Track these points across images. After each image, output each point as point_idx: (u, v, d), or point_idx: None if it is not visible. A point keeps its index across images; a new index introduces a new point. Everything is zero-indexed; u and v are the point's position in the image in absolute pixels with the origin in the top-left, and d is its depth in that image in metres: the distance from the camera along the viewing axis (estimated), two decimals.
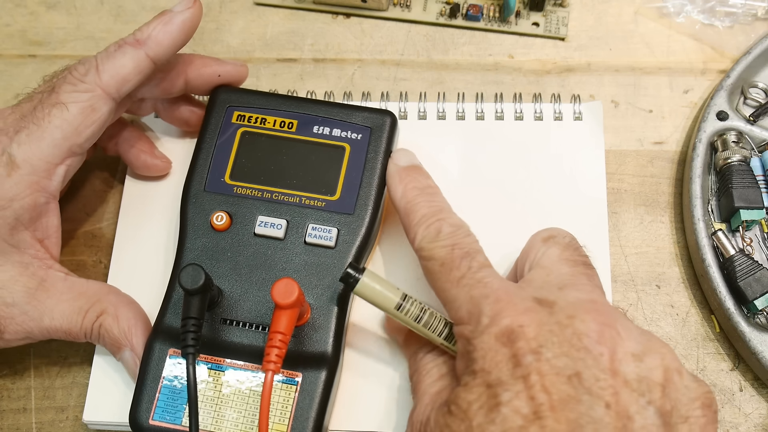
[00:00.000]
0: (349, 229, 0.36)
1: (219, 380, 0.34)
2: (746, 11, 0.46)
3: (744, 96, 0.43)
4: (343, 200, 0.36)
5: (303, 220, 0.36)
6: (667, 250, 0.41)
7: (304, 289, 0.34)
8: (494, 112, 0.43)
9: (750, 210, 0.39)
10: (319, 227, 0.36)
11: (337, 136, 0.38)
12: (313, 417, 0.33)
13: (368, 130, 0.38)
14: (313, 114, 0.38)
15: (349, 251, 0.36)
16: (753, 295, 0.37)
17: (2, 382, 0.39)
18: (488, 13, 0.47)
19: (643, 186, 0.43)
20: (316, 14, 0.48)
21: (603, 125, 0.43)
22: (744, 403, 0.38)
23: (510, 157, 0.42)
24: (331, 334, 0.34)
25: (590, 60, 0.46)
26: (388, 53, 0.47)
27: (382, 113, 0.38)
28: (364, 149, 0.37)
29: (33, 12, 0.48)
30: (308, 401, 0.33)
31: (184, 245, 0.36)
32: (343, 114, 0.38)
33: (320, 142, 0.38)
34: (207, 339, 0.34)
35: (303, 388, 0.33)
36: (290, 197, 0.37)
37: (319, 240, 0.36)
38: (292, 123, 0.38)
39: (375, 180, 0.37)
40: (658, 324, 0.40)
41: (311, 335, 0.34)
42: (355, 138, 0.38)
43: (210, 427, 0.33)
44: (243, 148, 0.38)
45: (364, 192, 0.37)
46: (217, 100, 0.39)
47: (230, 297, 0.35)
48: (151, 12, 0.48)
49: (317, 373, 0.34)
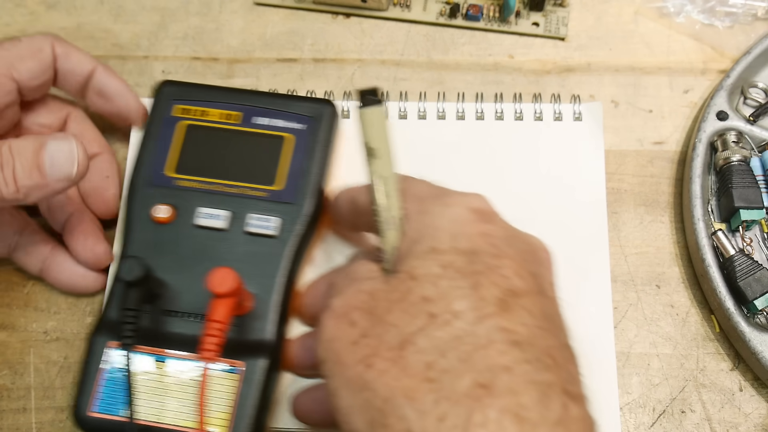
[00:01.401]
0: (291, 218, 0.36)
1: (161, 371, 0.34)
2: (746, 11, 0.46)
3: (744, 96, 0.43)
4: (284, 190, 0.37)
5: (245, 210, 0.36)
6: (667, 250, 0.41)
7: (247, 278, 0.34)
8: (494, 112, 0.43)
9: (750, 210, 0.39)
10: (261, 217, 0.36)
11: (278, 127, 0.38)
12: (256, 405, 0.33)
13: (309, 119, 0.38)
14: (255, 105, 0.39)
15: (291, 240, 0.36)
16: (753, 295, 0.37)
17: (2, 382, 0.39)
18: (488, 13, 0.47)
19: (643, 186, 0.43)
20: (316, 14, 0.48)
21: (603, 125, 0.43)
22: (744, 403, 0.38)
23: (509, 158, 0.42)
24: (273, 323, 0.35)
25: (590, 60, 0.46)
26: (388, 53, 0.47)
27: (322, 103, 0.39)
28: (305, 139, 0.38)
29: (33, 12, 0.48)
30: (251, 389, 0.33)
31: (128, 239, 0.37)
32: (285, 105, 0.38)
33: (262, 132, 0.38)
34: (150, 330, 0.35)
35: (246, 377, 0.33)
36: (232, 188, 0.37)
37: (261, 229, 0.36)
38: (234, 115, 0.38)
39: (316, 169, 0.37)
40: (658, 324, 0.40)
41: (254, 324, 0.35)
42: (296, 128, 0.38)
43: (152, 418, 0.33)
44: (186, 141, 0.38)
45: (306, 181, 0.37)
46: (161, 94, 0.39)
47: (173, 288, 0.35)
48: (151, 12, 0.48)
49: (260, 362, 0.34)
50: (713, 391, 0.38)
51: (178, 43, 0.47)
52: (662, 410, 0.38)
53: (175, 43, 0.47)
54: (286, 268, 0.36)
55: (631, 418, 0.38)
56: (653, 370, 0.39)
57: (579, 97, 0.43)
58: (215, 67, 0.46)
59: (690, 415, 0.38)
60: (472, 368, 0.24)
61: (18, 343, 0.40)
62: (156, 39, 0.47)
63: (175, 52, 0.47)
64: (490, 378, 0.23)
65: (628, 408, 0.38)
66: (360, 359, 0.25)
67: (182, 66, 0.46)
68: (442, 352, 0.24)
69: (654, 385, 0.38)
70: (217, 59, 0.47)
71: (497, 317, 0.25)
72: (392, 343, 0.25)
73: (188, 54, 0.47)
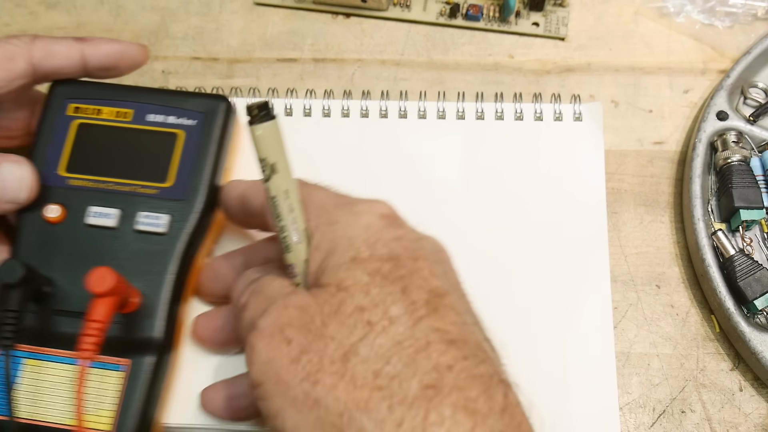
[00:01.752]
0: (182, 215, 0.36)
1: (43, 370, 0.34)
2: (746, 11, 0.46)
3: (744, 96, 0.43)
4: (176, 187, 0.36)
5: (135, 208, 0.36)
6: (667, 250, 0.41)
7: (135, 276, 0.34)
8: (494, 112, 0.43)
9: (750, 210, 0.39)
10: (151, 214, 0.36)
11: (170, 123, 0.38)
12: (141, 401, 0.33)
13: (202, 115, 0.38)
14: (147, 102, 0.38)
15: (182, 237, 0.36)
16: (753, 295, 0.37)
17: None
18: (488, 13, 0.47)
19: (643, 186, 0.43)
20: (316, 14, 0.48)
21: (603, 125, 0.43)
22: (744, 403, 0.38)
23: (509, 157, 0.42)
24: (162, 320, 0.35)
25: (590, 60, 0.46)
26: (388, 53, 0.47)
27: (216, 99, 0.38)
28: (197, 135, 0.37)
29: (33, 12, 0.48)
30: (137, 387, 0.33)
31: (19, 240, 0.36)
32: (177, 101, 0.38)
33: (154, 130, 0.38)
34: (37, 330, 0.35)
35: (132, 374, 0.33)
36: (124, 186, 0.37)
37: (151, 227, 0.36)
38: (127, 113, 0.38)
39: (208, 165, 0.37)
40: (658, 324, 0.40)
41: (141, 322, 0.34)
42: (188, 124, 0.37)
43: (33, 416, 0.33)
44: (78, 140, 0.38)
45: (197, 177, 0.37)
46: (54, 94, 0.39)
47: (63, 288, 0.35)
48: (151, 12, 0.48)
49: (146, 359, 0.34)
50: (713, 391, 0.38)
51: (178, 43, 0.47)
52: (662, 410, 0.38)
53: (175, 43, 0.47)
54: (176, 265, 0.35)
55: (631, 418, 0.38)
56: (653, 370, 0.39)
57: (579, 97, 0.43)
58: (215, 67, 0.46)
59: (690, 415, 0.38)
60: (417, 371, 0.25)
61: None
62: (156, 39, 0.47)
63: (175, 52, 0.47)
64: (437, 378, 0.24)
65: (628, 408, 0.38)
66: (304, 377, 0.25)
67: (182, 66, 0.46)
68: (386, 358, 0.25)
69: (654, 385, 0.38)
70: (217, 59, 0.47)
71: (429, 318, 0.26)
72: (335, 356, 0.25)
73: (188, 54, 0.47)
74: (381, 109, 0.43)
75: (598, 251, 0.40)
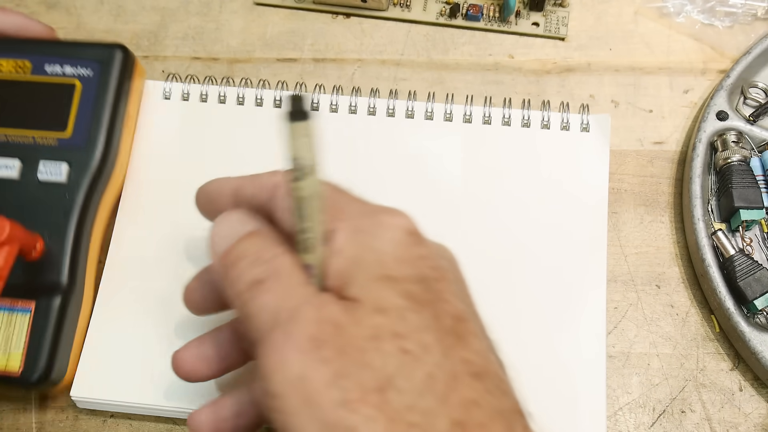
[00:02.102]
0: (80, 163, 0.37)
1: None
2: (746, 11, 0.46)
3: (744, 96, 0.43)
4: (74, 136, 0.38)
5: (36, 158, 0.37)
6: (667, 250, 0.41)
7: (38, 225, 0.36)
8: (501, 117, 0.43)
9: (750, 210, 0.39)
10: (50, 164, 0.37)
11: (68, 74, 0.39)
12: (48, 341, 0.35)
13: (98, 65, 0.39)
14: (45, 54, 0.39)
15: (82, 184, 0.37)
16: (753, 295, 0.37)
17: None
18: (488, 13, 0.47)
19: (643, 186, 0.43)
20: (316, 14, 0.48)
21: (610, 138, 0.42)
22: (744, 403, 0.38)
23: (512, 161, 0.42)
24: (65, 266, 0.36)
25: (590, 60, 0.46)
26: (388, 53, 0.47)
27: (112, 47, 0.39)
28: (95, 84, 0.39)
29: (33, 12, 0.48)
30: (42, 327, 0.35)
31: None
32: (73, 51, 0.39)
33: (52, 81, 0.39)
34: None
35: (36, 315, 0.35)
36: (23, 138, 0.38)
37: (51, 177, 0.37)
38: (25, 65, 0.39)
39: (106, 113, 0.38)
40: (658, 324, 0.40)
41: (45, 267, 0.36)
42: (85, 74, 0.39)
43: None
44: None
45: (95, 125, 0.38)
46: None
47: None
48: (151, 12, 0.48)
49: (51, 301, 0.36)
50: (713, 391, 0.38)
51: (178, 43, 0.47)
52: (662, 410, 0.38)
53: (175, 43, 0.47)
54: (77, 212, 0.37)
55: (631, 418, 0.38)
56: (653, 370, 0.39)
57: (588, 107, 0.43)
58: (215, 67, 0.46)
59: (690, 415, 0.38)
60: (447, 406, 0.24)
61: None
62: (156, 39, 0.47)
63: (175, 52, 0.47)
64: (465, 415, 0.24)
65: (628, 408, 0.38)
66: (340, 403, 0.24)
67: (182, 66, 0.46)
68: (419, 392, 0.24)
69: (654, 385, 0.38)
70: (217, 59, 0.47)
71: (457, 348, 0.25)
72: (371, 386, 0.24)
73: (188, 54, 0.47)
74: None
75: (595, 256, 0.39)
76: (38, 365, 0.35)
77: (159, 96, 0.44)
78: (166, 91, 0.44)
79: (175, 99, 0.44)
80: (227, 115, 0.44)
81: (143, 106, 0.43)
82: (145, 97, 0.44)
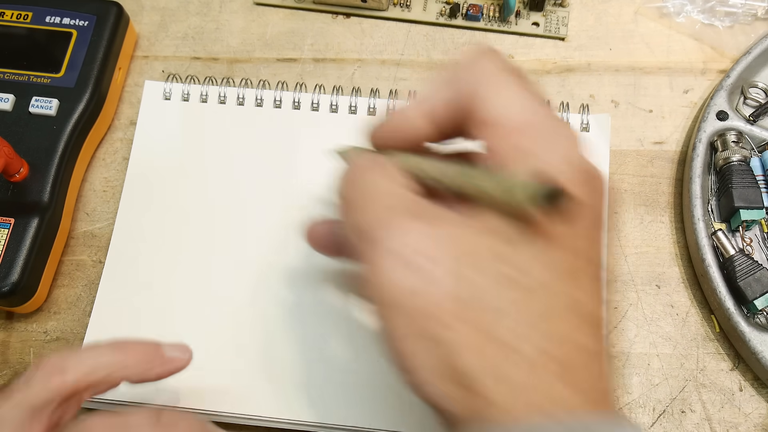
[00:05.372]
0: (70, 101, 0.42)
1: None
2: (746, 11, 0.46)
3: (744, 96, 0.43)
4: (66, 77, 0.42)
5: (29, 94, 0.42)
6: (667, 250, 0.41)
7: (27, 151, 0.40)
8: None
9: (750, 210, 0.39)
10: (42, 99, 0.42)
11: (66, 24, 0.44)
12: (23, 252, 0.38)
13: (94, 18, 0.44)
14: (44, 6, 0.44)
15: (70, 120, 0.41)
16: (753, 295, 0.37)
17: (2, 382, 0.39)
18: (488, 13, 0.47)
19: (643, 186, 0.43)
20: (316, 14, 0.48)
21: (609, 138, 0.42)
22: (744, 403, 0.38)
23: None
24: (47, 188, 0.40)
25: (590, 60, 0.46)
26: (388, 53, 0.47)
27: (108, 3, 0.44)
28: (89, 34, 0.43)
29: None
30: (18, 240, 0.39)
31: None
32: (73, 5, 0.44)
33: (50, 29, 0.44)
34: None
35: (15, 230, 0.39)
36: (19, 76, 0.43)
37: (42, 110, 0.41)
38: (27, 14, 0.44)
39: (98, 60, 0.43)
40: (658, 324, 0.40)
41: (28, 188, 0.40)
42: (81, 25, 0.44)
43: None
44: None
45: (86, 69, 0.43)
46: None
47: None
48: (151, 12, 0.48)
49: (30, 218, 0.39)
50: (713, 391, 0.38)
51: (178, 43, 0.47)
52: (662, 410, 0.38)
53: (175, 43, 0.47)
54: (64, 142, 0.41)
55: (631, 418, 0.38)
56: (653, 370, 0.39)
57: (588, 107, 0.43)
58: (215, 67, 0.46)
59: (690, 415, 0.38)
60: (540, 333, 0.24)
61: (18, 342, 0.40)
62: (156, 39, 0.47)
63: (175, 52, 0.47)
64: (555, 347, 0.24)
65: (628, 408, 0.38)
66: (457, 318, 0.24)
67: (182, 66, 0.46)
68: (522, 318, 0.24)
69: (654, 385, 0.38)
70: (217, 59, 0.47)
71: (571, 286, 0.26)
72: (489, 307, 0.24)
73: (188, 54, 0.47)
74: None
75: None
76: (11, 277, 0.38)
77: (159, 96, 0.44)
78: (166, 92, 0.44)
79: (176, 99, 0.44)
80: (227, 115, 0.44)
81: (143, 107, 0.44)
82: (145, 97, 0.44)
